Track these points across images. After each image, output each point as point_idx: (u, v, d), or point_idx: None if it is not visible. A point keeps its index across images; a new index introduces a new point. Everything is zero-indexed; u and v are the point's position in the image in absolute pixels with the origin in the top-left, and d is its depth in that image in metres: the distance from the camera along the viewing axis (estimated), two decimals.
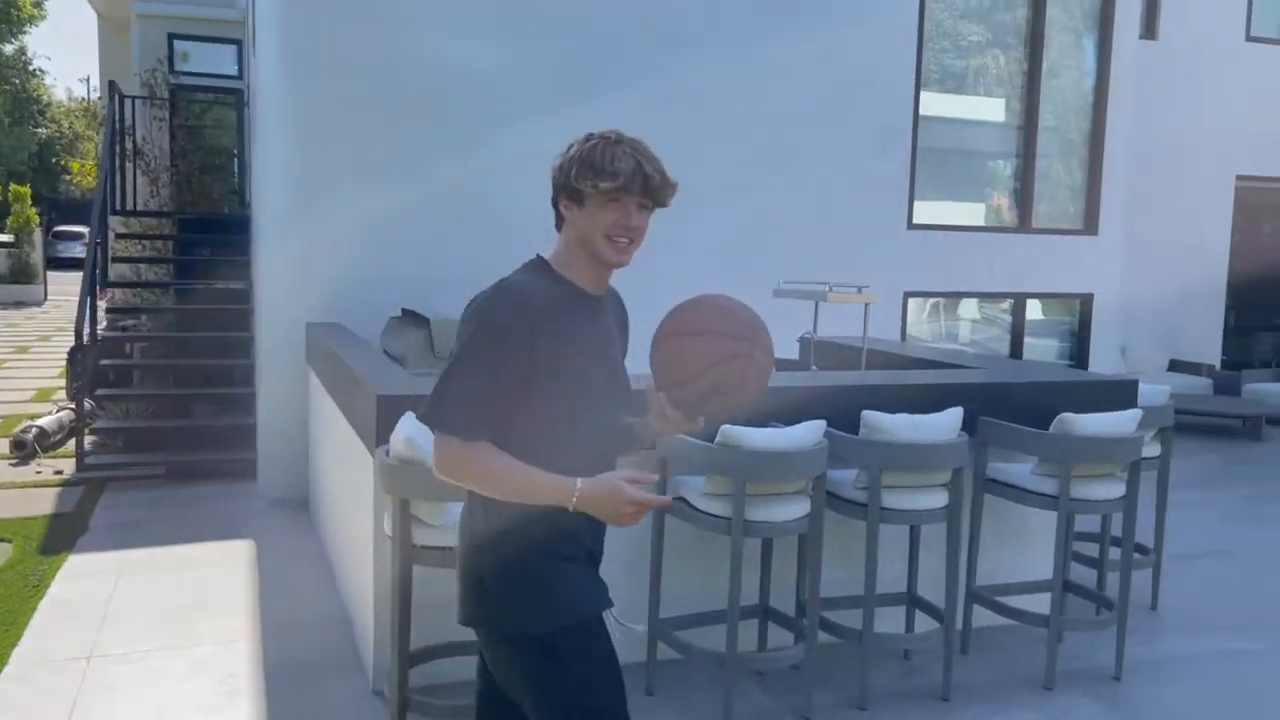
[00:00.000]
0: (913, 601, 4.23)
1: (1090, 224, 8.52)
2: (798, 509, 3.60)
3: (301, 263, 6.57)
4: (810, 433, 3.58)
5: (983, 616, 4.54)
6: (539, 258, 2.12)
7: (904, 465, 3.71)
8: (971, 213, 8.29)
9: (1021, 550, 4.66)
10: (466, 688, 2.45)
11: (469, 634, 2.18)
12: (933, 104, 8.08)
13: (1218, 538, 6.30)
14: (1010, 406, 4.30)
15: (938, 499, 3.83)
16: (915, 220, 8.04)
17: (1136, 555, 5.02)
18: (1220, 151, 12.02)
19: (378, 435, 3.39)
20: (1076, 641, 4.50)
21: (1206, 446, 9.27)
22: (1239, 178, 12.28)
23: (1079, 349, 8.68)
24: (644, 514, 1.95)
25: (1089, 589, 4.57)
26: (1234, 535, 6.36)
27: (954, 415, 3.82)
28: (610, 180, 2.00)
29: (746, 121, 7.44)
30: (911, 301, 8.12)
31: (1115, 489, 4.04)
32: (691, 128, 7.29)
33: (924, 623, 4.40)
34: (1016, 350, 8.45)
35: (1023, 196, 8.32)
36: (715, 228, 7.40)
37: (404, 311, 6.36)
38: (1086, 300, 8.60)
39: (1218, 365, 12.39)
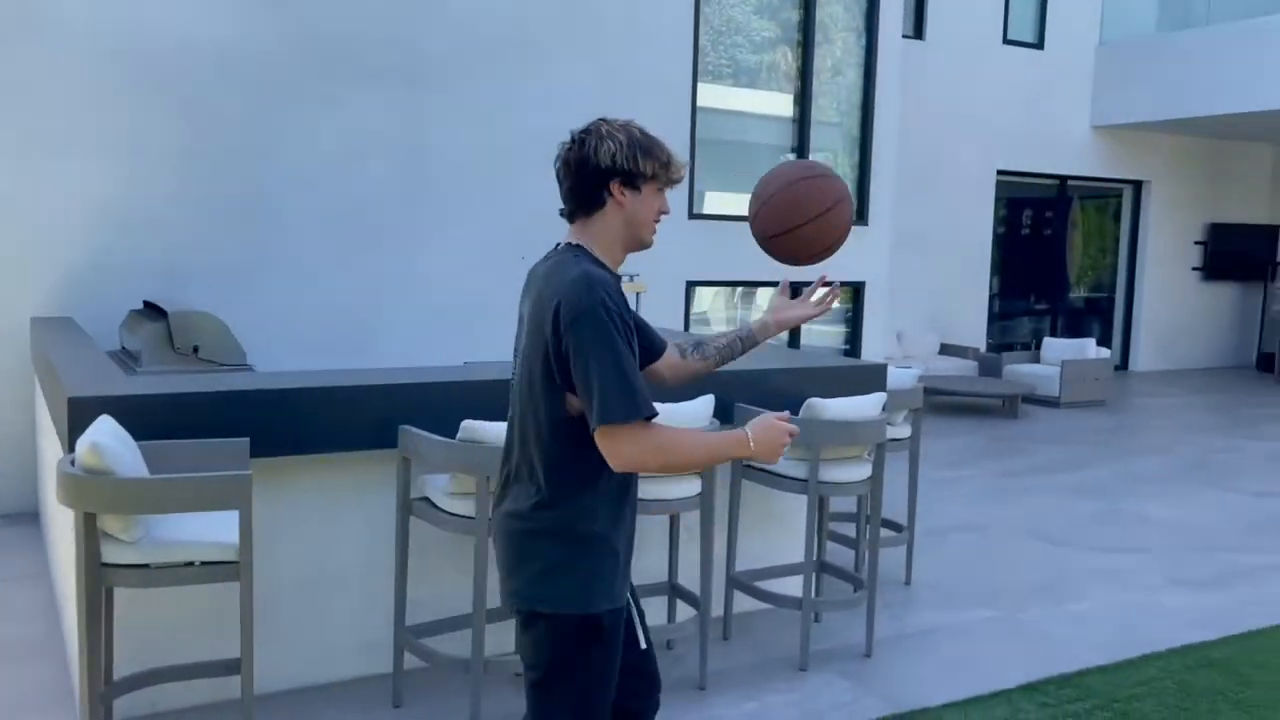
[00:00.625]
0: (673, 591, 4.20)
1: (860, 215, 8.85)
2: None
3: (22, 250, 5.94)
4: None
5: (746, 602, 4.59)
6: (579, 246, 2.13)
7: None
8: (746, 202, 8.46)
9: (781, 534, 4.73)
10: (183, 715, 2.18)
11: (179, 657, 1.94)
12: (714, 97, 8.17)
13: (971, 513, 6.66)
14: (765, 392, 4.34)
15: (691, 487, 3.81)
16: (697, 210, 8.11)
17: (890, 533, 5.21)
18: (983, 147, 12.82)
19: (70, 441, 3.03)
20: (834, 621, 4.62)
21: (970, 426, 9.85)
22: (1000, 172, 13.13)
23: (854, 335, 9.01)
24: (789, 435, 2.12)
25: (845, 569, 4.69)
26: (986, 510, 6.73)
27: (705, 403, 3.81)
28: (677, 169, 2.16)
29: (509, 107, 7.29)
30: (709, 291, 8.22)
31: (863, 470, 4.15)
32: (451, 114, 7.08)
33: (686, 612, 4.40)
34: (794, 337, 8.68)
35: None
36: (482, 223, 7.22)
37: (145, 304, 5.86)
38: (859, 288, 8.93)
39: (983, 348, 13.24)
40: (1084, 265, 15.65)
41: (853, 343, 9.01)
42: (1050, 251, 14.42)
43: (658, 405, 2.09)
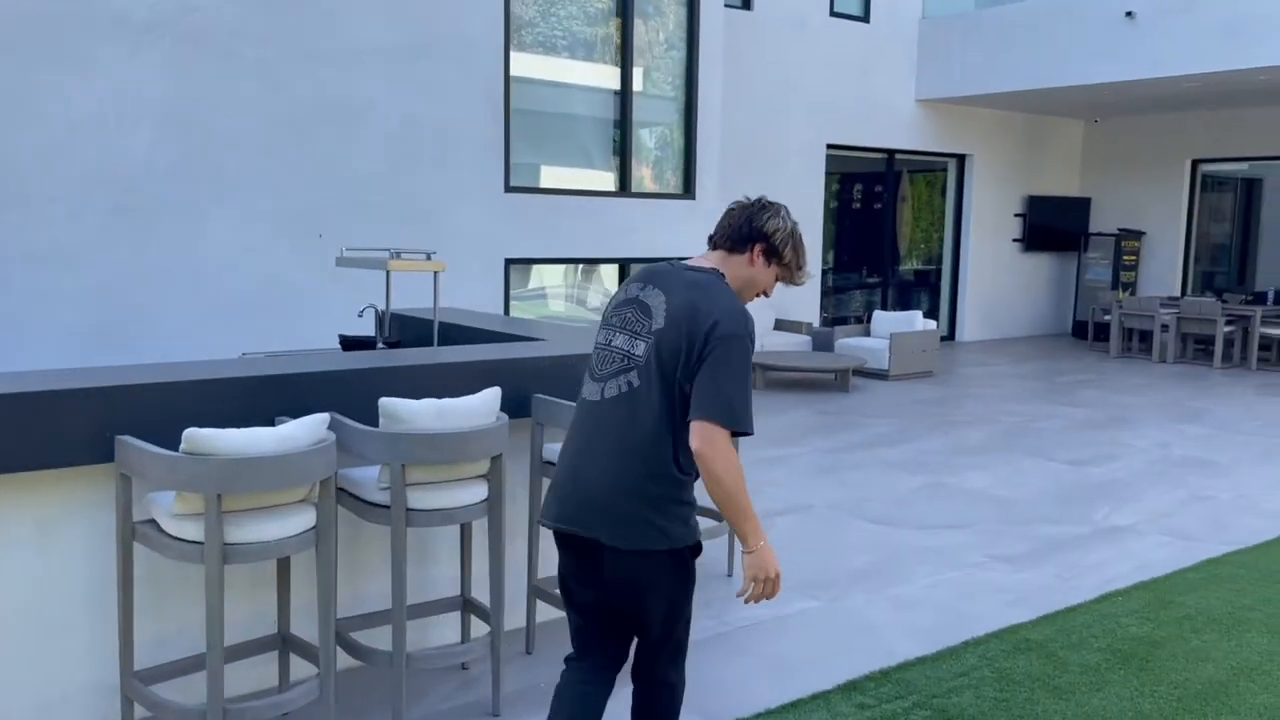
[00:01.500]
0: (467, 605, 3.78)
1: (688, 188, 8.57)
2: (298, 523, 2.99)
3: None
4: (308, 429, 2.98)
5: (554, 610, 4.21)
6: (721, 275, 2.57)
7: (431, 458, 3.22)
8: (574, 177, 8.03)
9: None
10: None
11: None
12: (535, 67, 7.69)
13: (798, 494, 6.48)
14: (573, 380, 3.95)
15: (476, 492, 3.39)
16: (514, 183, 7.64)
17: (712, 522, 4.93)
18: (812, 120, 12.79)
19: None
20: None
21: (802, 401, 9.78)
22: (830, 146, 13.14)
23: None
24: (767, 591, 2.48)
25: None
26: (813, 490, 6.57)
27: (490, 396, 3.38)
28: (800, 275, 2.68)
29: (296, 65, 6.64)
30: (549, 270, 7.77)
31: None
32: (229, 74, 6.38)
33: (483, 628, 3.99)
34: None
35: (622, 161, 8.19)
36: (269, 197, 6.56)
37: None
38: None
39: (816, 323, 13.28)
40: (914, 238, 15.95)
41: None
42: (880, 225, 14.60)
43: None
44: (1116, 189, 15.71)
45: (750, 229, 2.60)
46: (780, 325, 12.38)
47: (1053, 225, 15.60)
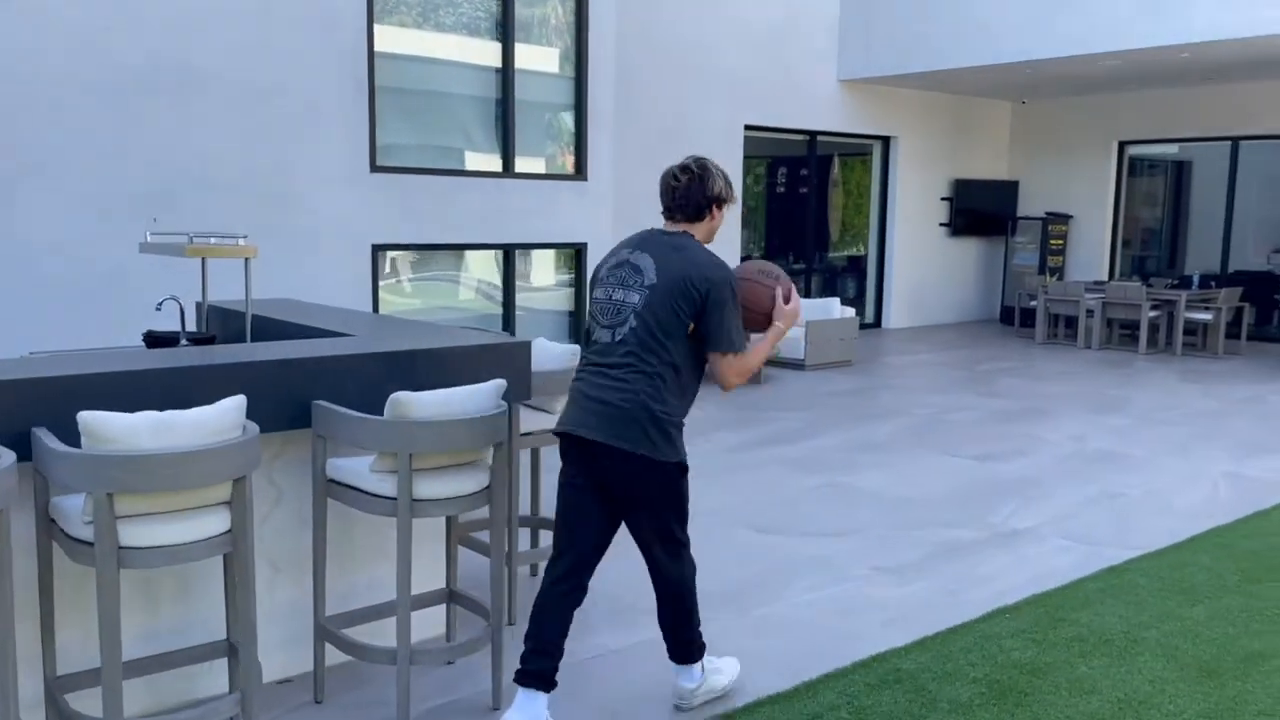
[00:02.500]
0: (232, 651, 3.19)
1: (579, 169, 8.00)
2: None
3: None
4: None
5: (339, 655, 3.64)
6: (691, 235, 3.20)
7: (144, 486, 2.64)
8: (453, 157, 7.43)
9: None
10: None
11: None
12: (405, 41, 7.07)
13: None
14: (351, 388, 3.37)
15: (212, 524, 2.80)
16: (381, 162, 7.02)
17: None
18: (729, 101, 12.27)
19: None
20: (475, 662, 3.74)
21: (714, 394, 9.27)
22: (748, 127, 12.64)
23: (577, 302, 8.19)
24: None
25: (477, 599, 3.81)
26: (704, 494, 6.06)
27: (229, 407, 2.80)
28: (732, 197, 3.28)
29: (121, 29, 5.96)
30: (438, 256, 7.15)
31: (474, 479, 3.26)
32: (39, 34, 5.69)
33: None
34: (509, 309, 7.77)
35: (505, 140, 7.60)
36: (90, 174, 5.88)
37: None
38: (580, 250, 8.11)
39: None
40: (845, 224, 15.55)
41: (578, 311, 8.19)
42: (805, 210, 14.15)
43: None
44: (1044, 172, 15.42)
45: (704, 198, 3.17)
46: None
47: (980, 209, 15.27)
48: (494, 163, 7.57)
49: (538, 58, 7.73)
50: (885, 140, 14.39)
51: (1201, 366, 11.24)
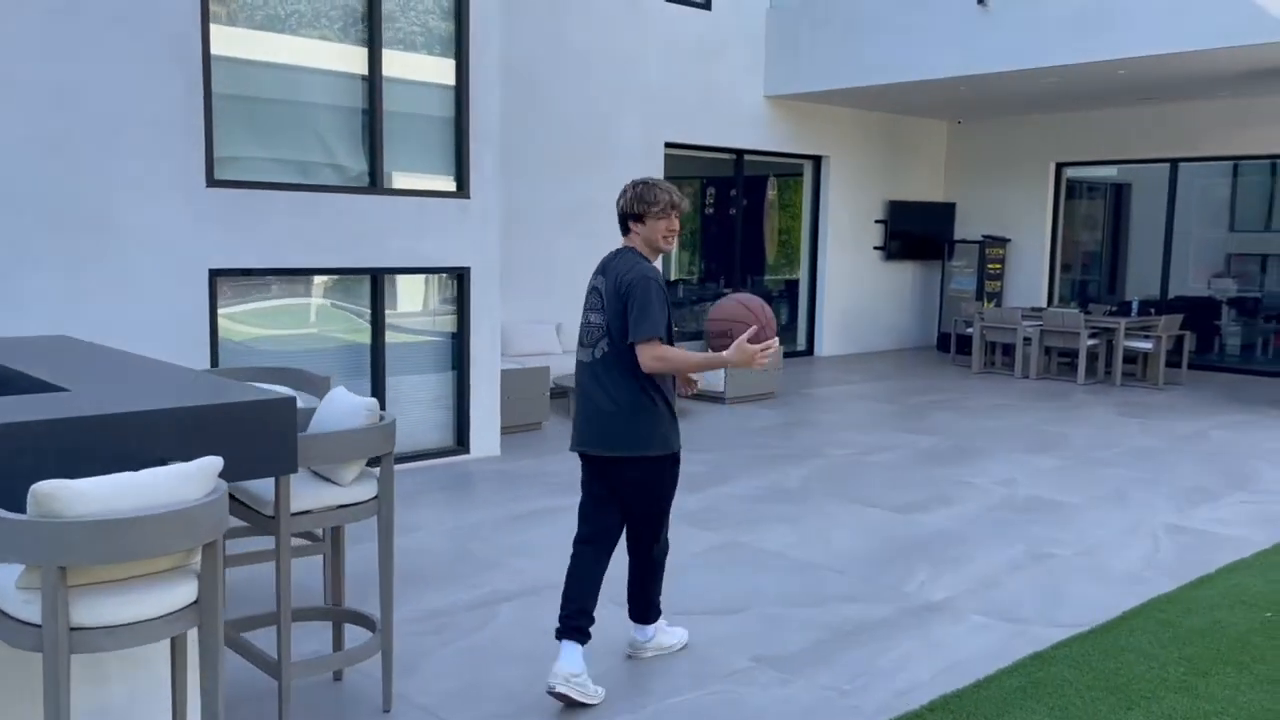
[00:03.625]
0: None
1: (460, 185, 7.20)
2: None
3: None
4: None
5: None
6: (635, 250, 3.66)
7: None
8: (309, 171, 6.58)
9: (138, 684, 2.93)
10: None
11: None
12: (248, 43, 6.23)
13: (549, 568, 5.15)
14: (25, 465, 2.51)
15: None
16: (220, 175, 6.16)
17: (368, 633, 3.55)
18: (649, 116, 11.57)
19: None
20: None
21: None
22: (669, 145, 11.94)
23: (460, 333, 7.37)
24: (769, 354, 3.53)
25: None
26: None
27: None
28: (667, 204, 3.63)
29: None
30: (304, 284, 6.27)
31: (175, 594, 2.42)
32: None
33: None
34: (378, 341, 6.92)
35: (372, 154, 6.78)
36: None
37: None
38: (463, 275, 7.29)
39: None
40: (779, 246, 14.93)
41: (460, 339, 7.36)
42: (734, 233, 13.47)
43: None
44: (981, 194, 14.91)
45: (621, 216, 3.67)
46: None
47: (916, 232, 14.71)
48: (360, 178, 6.74)
49: (413, 65, 6.93)
50: (816, 160, 13.77)
51: (1141, 398, 10.67)
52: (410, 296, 7.20)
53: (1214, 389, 11.34)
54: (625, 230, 3.69)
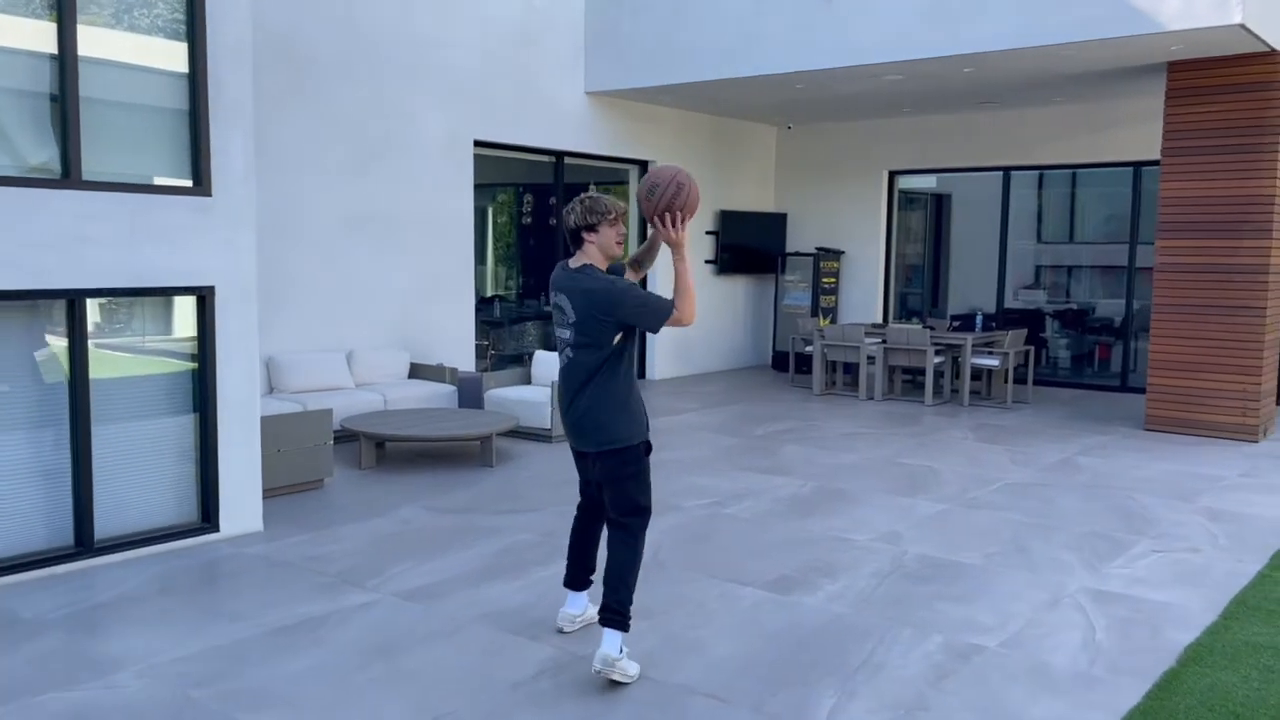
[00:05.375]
0: None
1: (198, 180, 5.47)
2: None
3: None
4: None
5: None
6: (589, 265, 3.87)
7: None
8: None
9: None
10: None
11: None
12: None
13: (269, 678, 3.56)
14: None
15: None
16: None
17: None
18: (455, 111, 10.03)
19: None
20: None
21: (422, 487, 6.90)
22: (479, 143, 10.43)
23: (203, 369, 5.61)
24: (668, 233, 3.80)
25: None
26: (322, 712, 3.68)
27: None
28: (614, 214, 3.89)
29: None
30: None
31: None
32: None
33: None
34: (78, 378, 5.11)
35: (65, 141, 4.97)
36: None
37: None
38: (205, 296, 5.55)
39: (471, 367, 10.48)
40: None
41: (203, 377, 5.61)
42: (555, 244, 12.07)
43: None
44: (813, 203, 14.12)
45: (571, 231, 3.92)
46: (418, 371, 9.47)
47: (748, 245, 13.75)
48: (46, 168, 4.93)
49: (118, 44, 5.18)
50: (643, 165, 12.58)
51: (993, 419, 9.97)
52: (128, 316, 5.40)
53: (1058, 407, 10.82)
54: (579, 243, 3.91)
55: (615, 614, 3.86)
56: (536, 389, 9.01)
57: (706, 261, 13.31)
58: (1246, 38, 8.16)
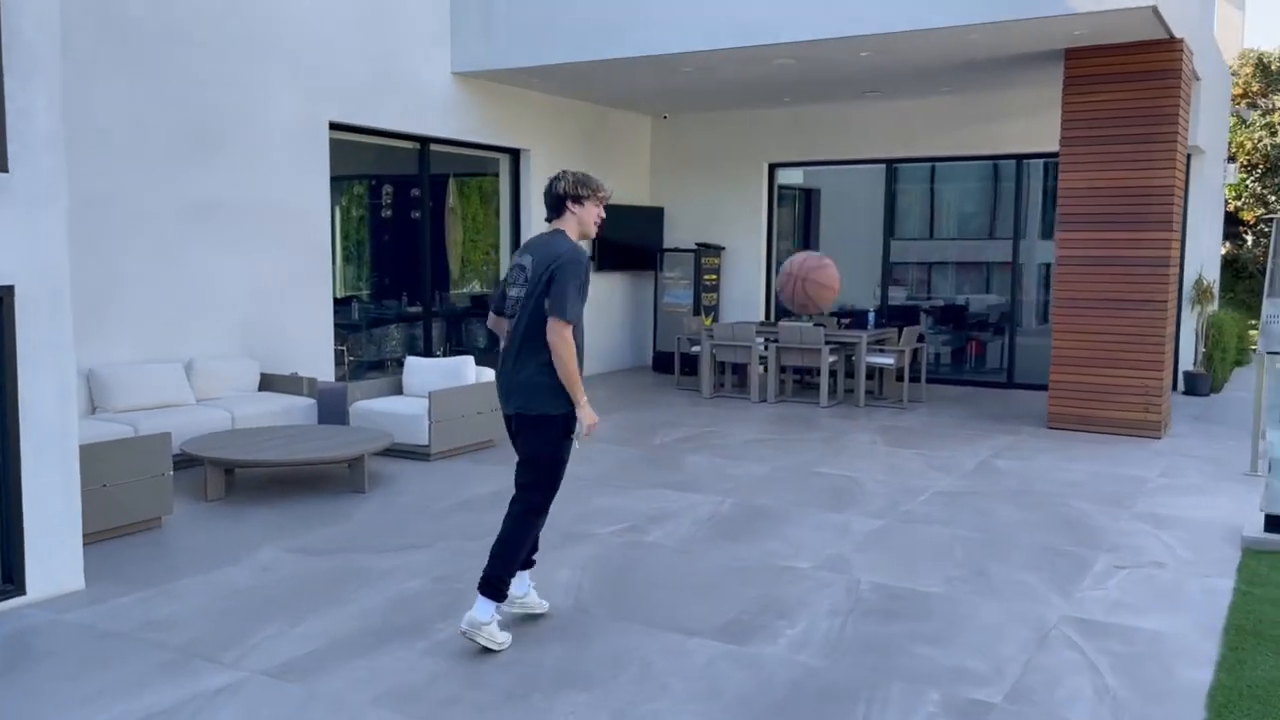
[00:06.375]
0: None
1: None
2: None
3: None
4: None
5: None
6: (561, 231, 4.00)
7: None
8: None
9: None
10: None
11: None
12: None
13: None
14: None
15: None
16: None
17: None
18: (307, 89, 8.87)
19: None
20: None
21: (281, 519, 5.84)
22: (335, 125, 9.30)
23: (0, 386, 4.43)
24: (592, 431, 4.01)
25: None
26: None
27: None
28: (603, 193, 4.05)
29: None
30: None
31: None
32: None
33: None
34: None
35: None
36: None
37: None
38: (3, 296, 4.37)
39: (330, 376, 9.34)
40: (469, 255, 12.65)
41: (1, 396, 4.43)
42: (420, 239, 11.00)
43: None
44: (691, 197, 13.51)
45: (556, 198, 4.01)
46: (270, 382, 8.30)
47: (626, 240, 13.01)
48: None
49: None
50: (515, 154, 11.65)
51: (894, 421, 9.54)
52: None
53: (953, 405, 10.52)
54: (559, 212, 4.03)
55: (490, 585, 3.96)
56: (410, 400, 7.99)
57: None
58: (1149, 24, 7.95)
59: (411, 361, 8.42)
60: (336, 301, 9.92)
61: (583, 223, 4.01)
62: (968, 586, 4.90)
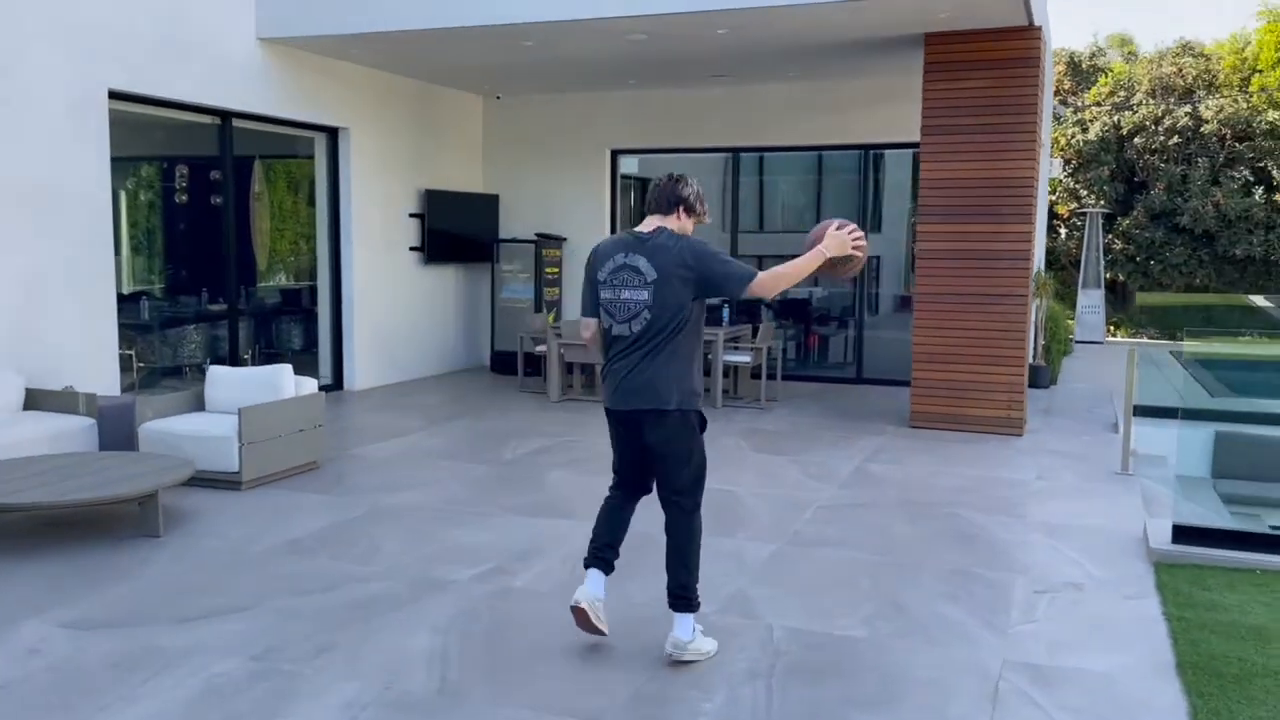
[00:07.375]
0: None
1: None
2: None
3: None
4: None
5: None
6: (668, 229, 3.90)
7: None
8: None
9: None
10: None
11: None
12: None
13: None
14: None
15: None
16: None
17: None
18: (81, 51, 7.46)
19: None
20: None
21: (40, 574, 4.63)
22: (115, 94, 7.90)
23: None
24: (859, 237, 3.91)
25: None
26: None
27: None
28: (708, 216, 4.06)
29: None
30: None
31: None
32: None
33: None
34: None
35: None
36: None
37: None
38: None
39: (115, 390, 7.95)
40: (278, 245, 11.38)
41: None
42: (222, 228, 9.65)
43: None
44: (528, 184, 12.62)
45: (670, 199, 3.94)
46: (36, 400, 6.90)
47: (458, 230, 11.99)
48: None
49: None
50: (333, 133, 10.44)
51: (756, 422, 9.03)
52: None
53: (809, 403, 10.12)
54: (670, 211, 3.96)
55: (679, 598, 3.88)
56: (215, 418, 6.78)
57: (412, 249, 11.40)
58: (1012, 10, 7.70)
59: (215, 371, 7.19)
60: (122, 298, 8.51)
61: (683, 230, 3.98)
62: (890, 627, 4.31)
